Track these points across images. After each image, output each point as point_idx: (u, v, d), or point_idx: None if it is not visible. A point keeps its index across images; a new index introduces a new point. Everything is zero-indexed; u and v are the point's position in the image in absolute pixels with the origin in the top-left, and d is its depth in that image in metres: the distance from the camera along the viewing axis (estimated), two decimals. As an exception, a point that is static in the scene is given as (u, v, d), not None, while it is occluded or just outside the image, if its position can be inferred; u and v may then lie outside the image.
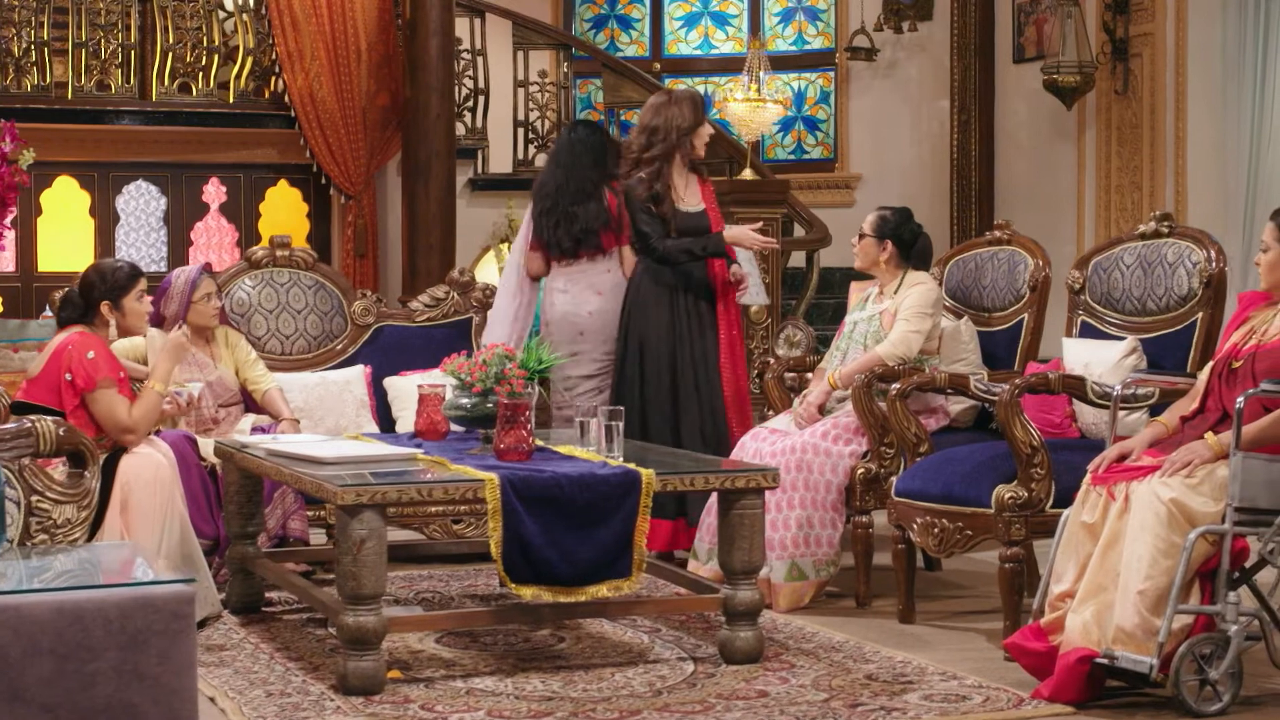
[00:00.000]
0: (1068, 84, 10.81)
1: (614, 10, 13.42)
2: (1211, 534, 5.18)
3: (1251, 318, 5.65)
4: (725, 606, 5.76)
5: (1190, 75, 10.53)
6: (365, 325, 8.18)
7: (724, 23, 13.26)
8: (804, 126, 13.15)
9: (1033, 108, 11.62)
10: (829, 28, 13.05)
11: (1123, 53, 10.80)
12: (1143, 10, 10.74)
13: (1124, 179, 10.89)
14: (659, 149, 7.58)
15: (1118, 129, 10.97)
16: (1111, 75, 10.90)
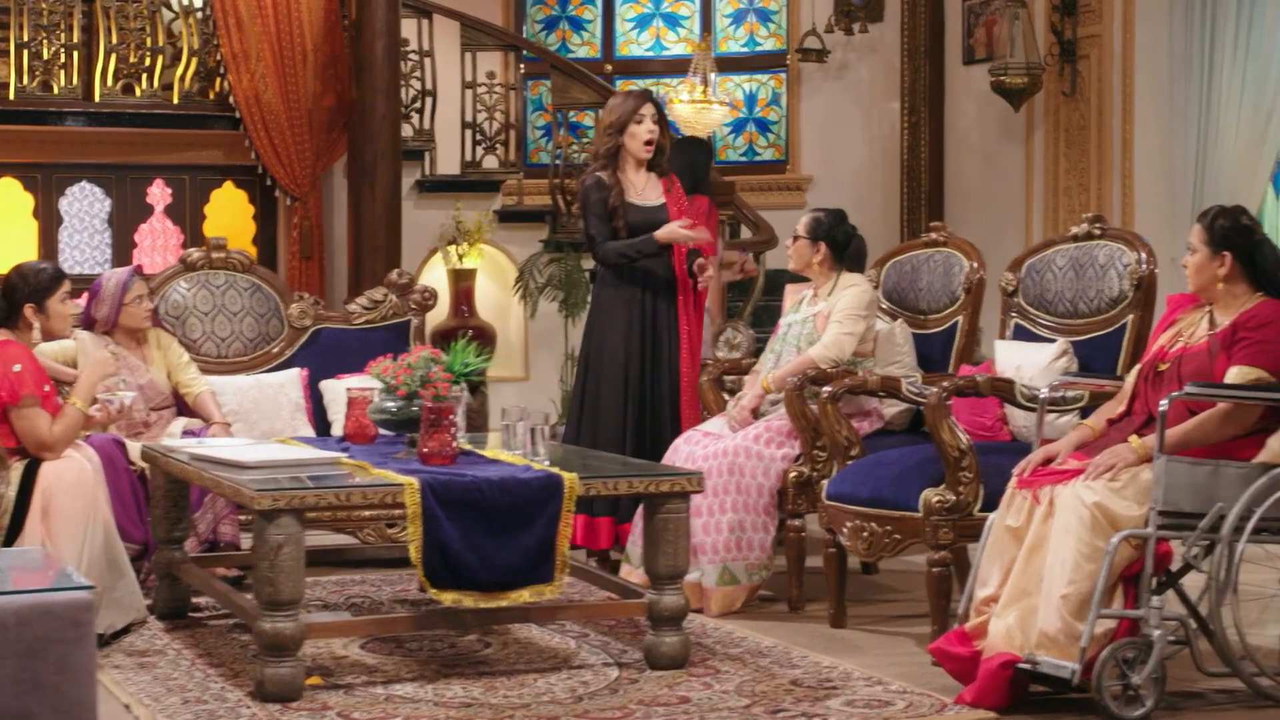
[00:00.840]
0: (1015, 85, 10.78)
1: (565, 11, 13.36)
2: (1135, 538, 5.15)
3: (1179, 320, 5.63)
4: (650, 612, 5.72)
5: (1137, 77, 10.51)
6: (302, 328, 8.12)
7: (675, 24, 13.21)
8: (755, 128, 13.10)
9: (982, 109, 11.59)
10: (780, 29, 13.01)
11: (1071, 54, 10.77)
12: (1090, 12, 10.71)
13: (1071, 180, 10.87)
14: (605, 145, 7.55)
15: (1065, 130, 10.94)
16: (1059, 77, 10.88)
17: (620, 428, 7.37)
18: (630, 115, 7.49)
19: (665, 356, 7.43)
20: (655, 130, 7.51)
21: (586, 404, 7.49)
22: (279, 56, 10.79)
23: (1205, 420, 5.26)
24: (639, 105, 7.51)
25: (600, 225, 7.41)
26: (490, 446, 6.20)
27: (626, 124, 7.49)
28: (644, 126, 7.50)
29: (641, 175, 7.55)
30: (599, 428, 7.40)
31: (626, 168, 7.53)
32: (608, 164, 7.52)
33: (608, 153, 7.51)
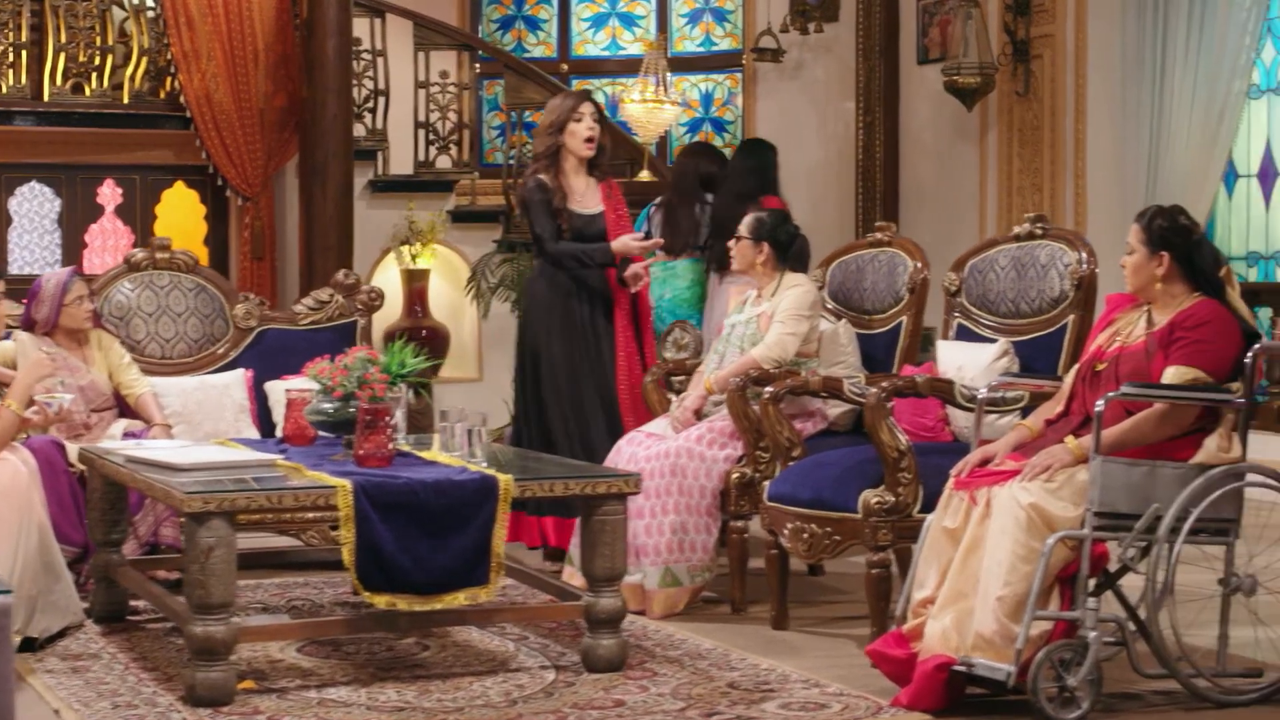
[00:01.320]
0: (968, 85, 10.76)
1: (521, 11, 13.31)
2: (1071, 539, 5.13)
3: (1117, 320, 5.61)
4: (587, 614, 5.68)
5: (1090, 77, 10.51)
6: (248, 329, 8.05)
7: (631, 24, 13.17)
8: (711, 128, 13.06)
9: (936, 109, 11.57)
10: (736, 29, 12.97)
11: (1024, 54, 10.76)
12: (1043, 12, 10.70)
13: (1025, 180, 10.86)
14: (545, 146, 7.53)
15: (1019, 130, 10.93)
16: (1013, 77, 10.87)
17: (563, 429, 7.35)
18: (569, 114, 7.48)
19: (607, 361, 7.41)
20: (595, 128, 7.50)
21: (529, 407, 7.48)
22: (230, 56, 10.73)
23: (1142, 421, 5.24)
24: (578, 104, 7.50)
25: (548, 224, 7.40)
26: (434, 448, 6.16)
27: (566, 123, 7.48)
28: (584, 124, 7.48)
29: (581, 179, 7.54)
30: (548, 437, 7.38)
31: (567, 170, 7.51)
32: (549, 166, 7.49)
33: (548, 153, 7.49)
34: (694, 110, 13.07)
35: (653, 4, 13.16)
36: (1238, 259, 10.28)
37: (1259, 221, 10.23)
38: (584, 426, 7.37)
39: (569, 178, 7.53)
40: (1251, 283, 10.06)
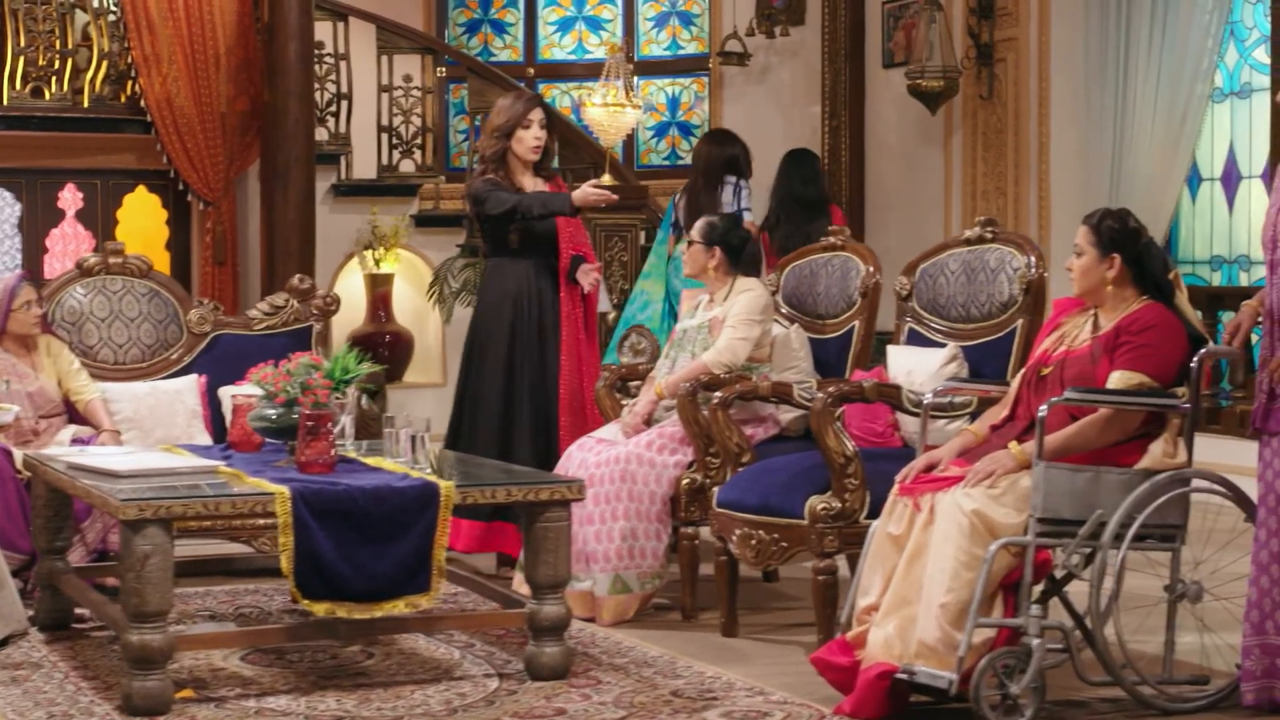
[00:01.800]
0: (931, 89, 10.73)
1: (487, 14, 13.26)
2: (1014, 545, 5.09)
3: (1064, 324, 5.58)
4: (531, 622, 5.63)
5: (1053, 80, 10.48)
6: (202, 334, 7.99)
7: (598, 27, 13.12)
8: (678, 132, 13.01)
9: (902, 113, 11.53)
10: (703, 33, 12.93)
11: (988, 57, 10.73)
12: (1007, 15, 10.68)
13: (989, 184, 10.83)
14: (492, 149, 7.49)
15: (983, 134, 10.90)
16: (977, 80, 10.84)
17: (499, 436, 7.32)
18: (519, 120, 7.45)
19: (550, 363, 7.38)
20: (543, 135, 7.48)
21: (464, 406, 7.45)
22: (191, 60, 10.67)
23: (1086, 426, 5.20)
24: (528, 110, 7.47)
25: (506, 195, 7.35)
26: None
27: (514, 129, 7.45)
28: (531, 132, 7.45)
29: (528, 179, 7.51)
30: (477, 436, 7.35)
31: (513, 172, 7.48)
32: (496, 168, 7.46)
33: (494, 156, 7.46)
34: (660, 115, 13.03)
35: (619, 8, 13.12)
36: (1201, 263, 10.27)
37: (1222, 225, 10.20)
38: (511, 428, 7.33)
39: (515, 178, 7.50)
40: (1215, 287, 10.04)
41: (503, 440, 7.35)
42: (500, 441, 7.34)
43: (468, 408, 7.48)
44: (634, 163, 12.94)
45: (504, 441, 7.34)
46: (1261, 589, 5.17)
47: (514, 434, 7.36)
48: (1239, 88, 10.01)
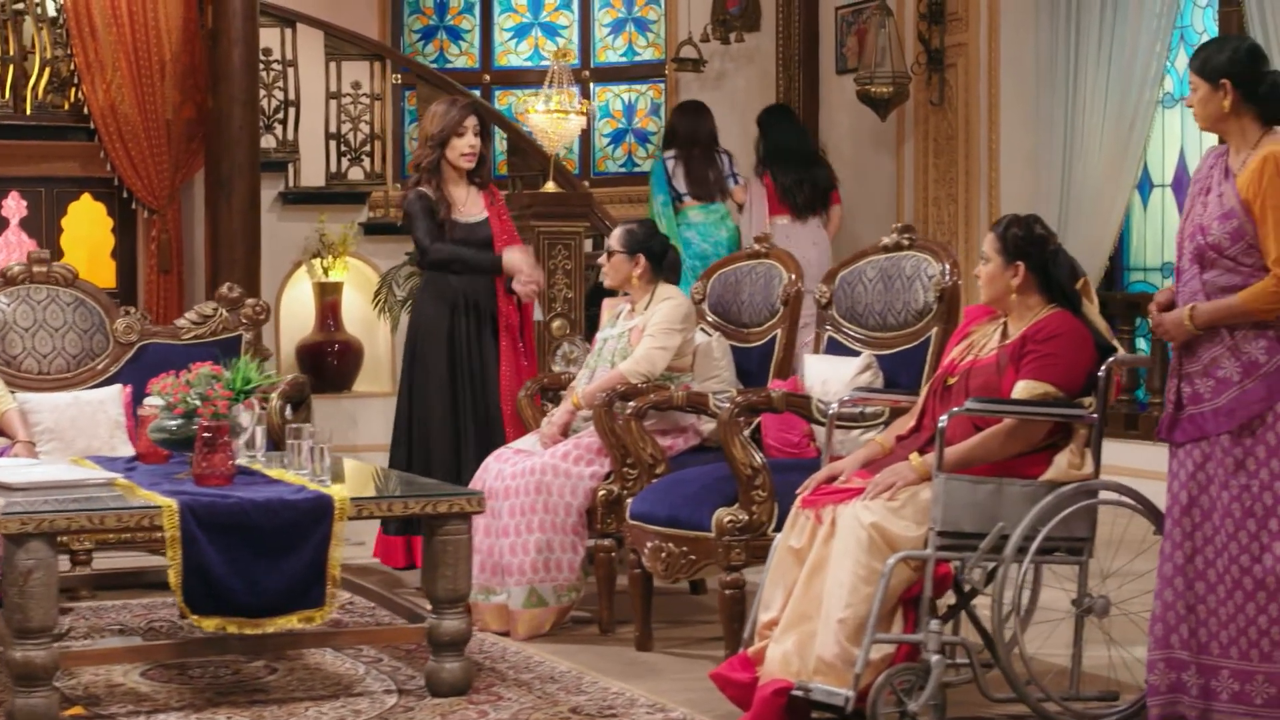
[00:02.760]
0: (881, 95, 10.62)
1: (443, 21, 13.15)
2: (913, 559, 4.98)
3: (973, 333, 5.48)
4: (430, 637, 5.52)
5: (1003, 86, 10.37)
6: (128, 343, 7.87)
7: (554, 34, 13.01)
8: (634, 139, 12.91)
9: (855, 119, 11.41)
10: (659, 39, 12.82)
11: (938, 63, 10.62)
12: (958, 20, 10.56)
13: (940, 191, 10.72)
14: (427, 158, 7.40)
15: (934, 140, 10.79)
16: (927, 86, 10.73)
17: (452, 451, 7.23)
18: (453, 128, 7.36)
19: (490, 375, 7.29)
20: (476, 143, 7.39)
21: (416, 426, 7.34)
22: (135, 66, 10.55)
23: (988, 437, 5.10)
24: (462, 117, 7.37)
25: (430, 228, 7.29)
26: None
27: (449, 137, 7.36)
28: (465, 140, 7.37)
29: (462, 189, 7.43)
30: (430, 453, 7.27)
31: (448, 181, 7.40)
32: (430, 177, 7.37)
33: (429, 165, 7.37)
34: (617, 121, 12.93)
35: (575, 14, 13.01)
36: (1153, 269, 10.16)
37: (1173, 232, 10.03)
38: (457, 442, 7.24)
39: (450, 187, 7.42)
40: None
41: (454, 457, 7.24)
42: (452, 458, 7.23)
43: (417, 427, 7.37)
44: (590, 170, 12.84)
45: (455, 458, 7.23)
46: (1165, 602, 5.06)
47: (462, 448, 7.25)
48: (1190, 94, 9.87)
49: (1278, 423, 4.94)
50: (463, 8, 13.12)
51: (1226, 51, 5.10)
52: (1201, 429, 5.02)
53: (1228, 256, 4.99)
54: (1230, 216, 4.98)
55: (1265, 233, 4.92)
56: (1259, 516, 4.94)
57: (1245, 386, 4.97)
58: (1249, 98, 5.06)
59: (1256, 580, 4.93)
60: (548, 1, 13.01)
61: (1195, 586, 5.03)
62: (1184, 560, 5.05)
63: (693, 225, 10.58)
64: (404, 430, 7.43)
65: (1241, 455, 4.96)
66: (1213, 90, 5.09)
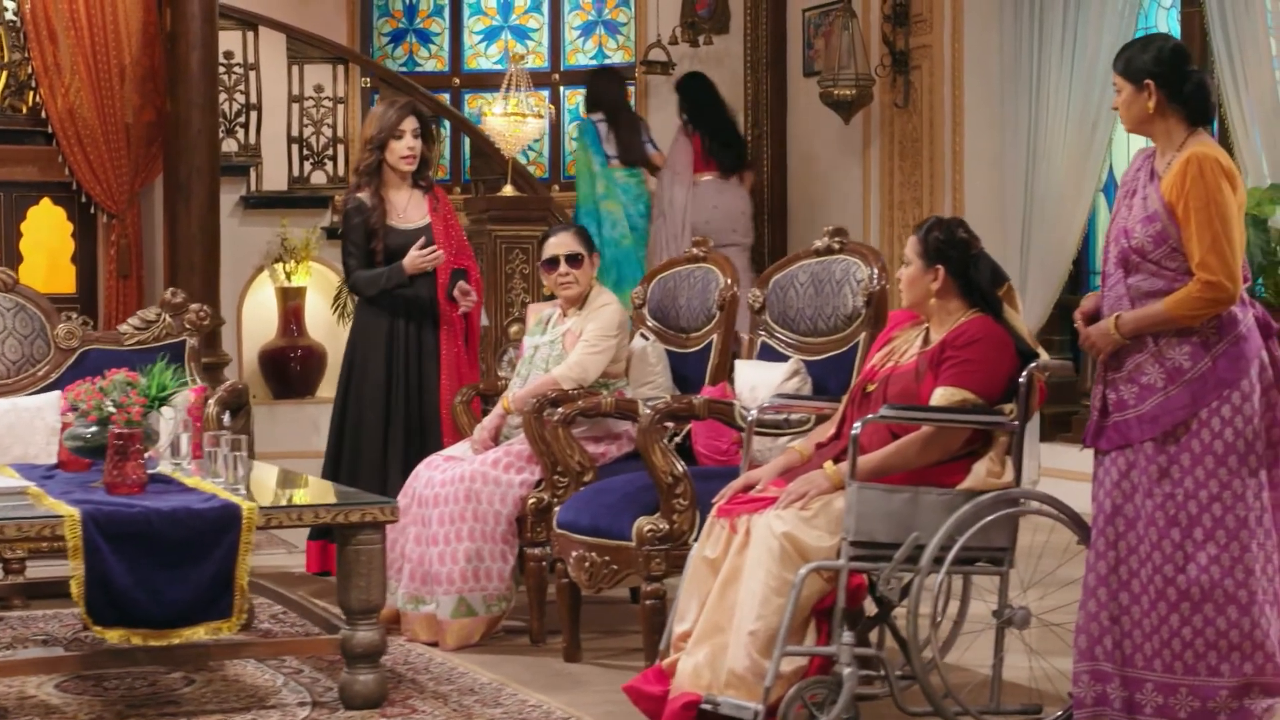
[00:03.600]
0: (843, 97, 10.52)
1: (412, 25, 13.05)
2: (826, 570, 4.87)
3: (895, 338, 5.37)
4: (343, 648, 5.41)
5: (967, 88, 10.27)
6: (70, 349, 7.78)
7: (524, 37, 12.90)
8: (606, 142, 12.78)
9: (823, 122, 11.29)
10: (629, 41, 12.71)
11: (903, 65, 10.52)
12: (922, 22, 10.45)
13: (905, 194, 10.61)
14: (366, 161, 7.32)
15: (900, 143, 10.68)
16: (892, 88, 10.62)
17: (382, 457, 7.14)
18: (391, 131, 7.27)
19: (429, 382, 7.20)
20: (415, 145, 7.30)
21: (347, 434, 7.25)
22: (94, 70, 10.48)
23: (905, 445, 4.99)
24: (400, 120, 7.28)
25: (355, 252, 7.24)
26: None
27: (387, 140, 7.27)
28: (404, 142, 7.28)
29: (404, 193, 7.34)
30: (360, 459, 7.18)
31: (389, 184, 7.31)
32: (370, 181, 7.28)
33: (368, 169, 7.28)
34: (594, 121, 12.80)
35: (545, 17, 12.90)
36: (1118, 274, 10.03)
37: (1139, 235, 9.95)
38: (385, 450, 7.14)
39: (390, 191, 7.33)
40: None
41: (382, 464, 7.16)
42: (380, 466, 7.15)
43: (349, 434, 7.29)
44: (560, 173, 12.73)
45: (383, 466, 7.15)
46: (1089, 613, 4.96)
47: (390, 456, 7.16)
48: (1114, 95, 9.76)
49: (1202, 430, 4.85)
50: (432, 11, 13.02)
51: (1150, 52, 4.99)
52: (1126, 436, 4.93)
53: (1151, 260, 4.90)
54: (1154, 219, 4.89)
55: (1189, 235, 4.83)
56: (1183, 525, 4.84)
57: (1169, 393, 4.87)
58: (1174, 98, 4.97)
59: (1180, 591, 4.84)
60: (518, 4, 12.91)
61: (1119, 597, 4.93)
62: (1108, 570, 4.95)
63: (621, 188, 11.09)
64: (336, 436, 7.33)
65: (1165, 463, 4.86)
66: (1137, 91, 4.99)
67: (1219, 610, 4.83)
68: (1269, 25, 8.52)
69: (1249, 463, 4.86)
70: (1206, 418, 4.85)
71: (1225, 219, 4.83)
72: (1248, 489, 4.86)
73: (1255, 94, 8.56)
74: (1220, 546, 4.83)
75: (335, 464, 7.25)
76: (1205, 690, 4.83)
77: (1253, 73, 8.58)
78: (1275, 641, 4.88)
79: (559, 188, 12.63)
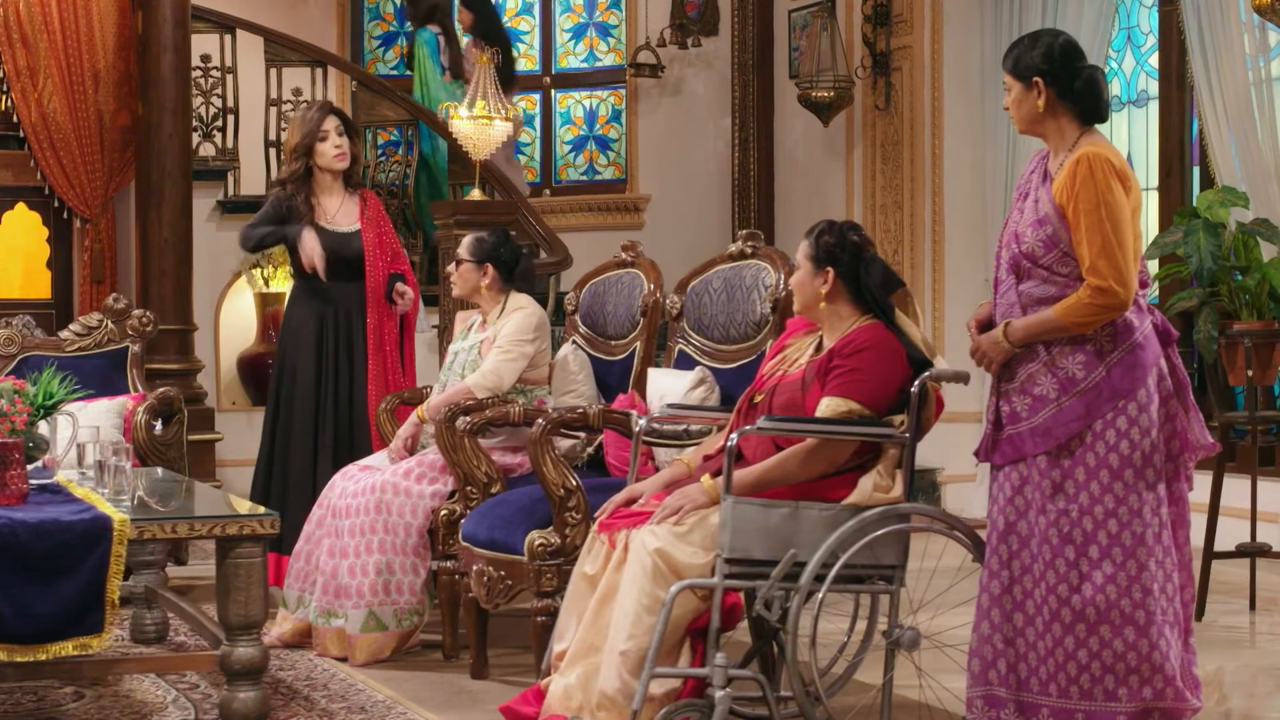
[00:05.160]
0: (822, 99, 10.31)
1: (403, 28, 12.91)
2: (700, 588, 4.68)
3: (789, 346, 5.18)
4: (222, 665, 5.24)
5: (947, 90, 10.05)
6: (8, 355, 7.71)
7: (516, 39, 12.74)
8: (596, 146, 12.62)
9: (808, 124, 11.09)
10: (620, 44, 12.53)
11: (884, 66, 10.30)
12: (903, 22, 10.24)
13: (887, 198, 10.40)
14: (294, 170, 7.19)
15: (881, 146, 10.47)
16: (873, 90, 10.41)
17: (312, 465, 6.99)
18: (314, 134, 7.14)
19: (359, 390, 7.05)
20: (343, 142, 7.16)
21: (278, 441, 7.10)
22: (67, 74, 10.36)
23: (786, 458, 4.79)
24: (321, 120, 7.16)
25: (258, 220, 7.24)
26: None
27: (313, 144, 7.13)
28: (330, 142, 7.17)
29: (336, 197, 7.21)
30: (289, 467, 7.03)
31: (320, 189, 7.18)
32: (300, 188, 7.15)
33: (295, 177, 7.16)
34: (578, 128, 12.66)
35: (536, 19, 12.74)
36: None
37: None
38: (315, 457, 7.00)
39: (321, 197, 7.20)
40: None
41: (311, 472, 7.02)
42: (309, 474, 7.01)
43: (279, 441, 7.14)
44: (551, 178, 12.58)
45: (312, 474, 7.00)
46: (982, 635, 4.76)
47: (320, 464, 7.02)
48: (1135, 96, 9.55)
49: (1096, 443, 4.64)
50: (421, 14, 12.87)
51: (1040, 48, 4.80)
52: (1019, 450, 4.73)
53: (1042, 266, 4.70)
54: (1044, 223, 4.68)
55: (1079, 239, 4.63)
56: (1078, 543, 4.64)
57: (1062, 404, 4.67)
58: (1064, 96, 4.77)
59: (1075, 612, 4.63)
60: (509, 6, 12.75)
61: (1014, 618, 4.73)
62: (1001, 590, 4.75)
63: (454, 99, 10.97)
64: (267, 444, 7.19)
65: (1060, 478, 4.66)
66: (1026, 90, 4.79)
67: (1115, 632, 4.62)
68: (1243, 23, 8.28)
69: (1146, 477, 4.65)
70: (1101, 430, 4.65)
71: (1116, 221, 4.62)
72: (1144, 504, 4.65)
73: (1230, 93, 8.31)
74: (1116, 565, 4.63)
75: (267, 472, 7.10)
76: (1102, 715, 4.64)
77: (1227, 72, 8.33)
78: (1176, 665, 4.68)
79: (550, 192, 12.48)
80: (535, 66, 12.63)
